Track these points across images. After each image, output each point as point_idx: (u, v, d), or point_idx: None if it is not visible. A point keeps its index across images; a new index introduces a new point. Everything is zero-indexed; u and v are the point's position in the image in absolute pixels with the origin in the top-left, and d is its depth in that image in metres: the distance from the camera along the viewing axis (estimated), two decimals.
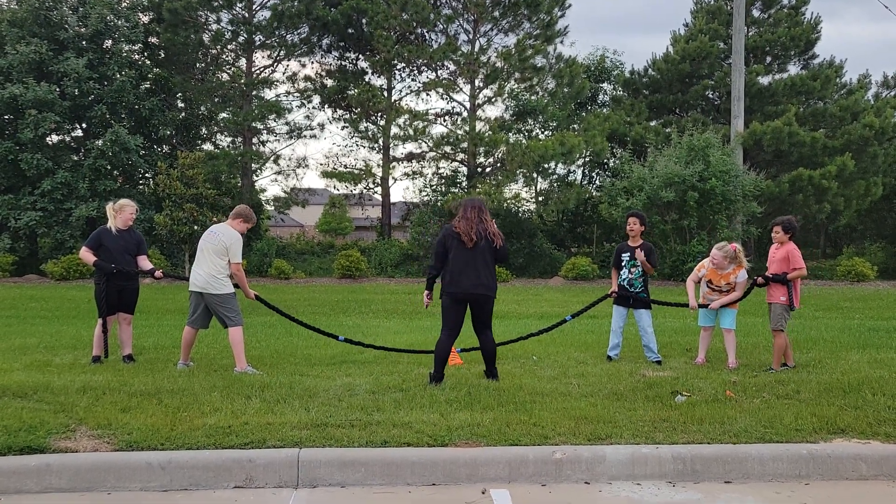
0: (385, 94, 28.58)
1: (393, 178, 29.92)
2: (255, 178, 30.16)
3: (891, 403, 5.75)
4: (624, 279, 7.88)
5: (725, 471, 4.69)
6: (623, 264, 7.90)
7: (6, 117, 24.47)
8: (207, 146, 29.94)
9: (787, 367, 7.27)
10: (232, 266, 7.04)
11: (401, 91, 29.69)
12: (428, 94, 29.03)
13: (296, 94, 29.76)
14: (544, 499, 4.38)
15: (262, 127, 29.43)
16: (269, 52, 28.73)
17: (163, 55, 27.98)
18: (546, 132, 28.53)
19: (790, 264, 7.10)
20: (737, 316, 7.67)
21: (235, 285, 7.26)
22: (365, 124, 28.49)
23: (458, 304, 6.43)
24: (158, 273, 7.67)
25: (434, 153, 28.12)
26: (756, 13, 28.72)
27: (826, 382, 6.46)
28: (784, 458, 4.72)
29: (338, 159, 31.37)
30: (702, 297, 7.65)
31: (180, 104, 29.04)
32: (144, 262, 7.69)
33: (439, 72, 27.83)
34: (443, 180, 29.02)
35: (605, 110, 30.35)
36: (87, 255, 7.44)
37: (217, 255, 7.00)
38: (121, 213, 7.60)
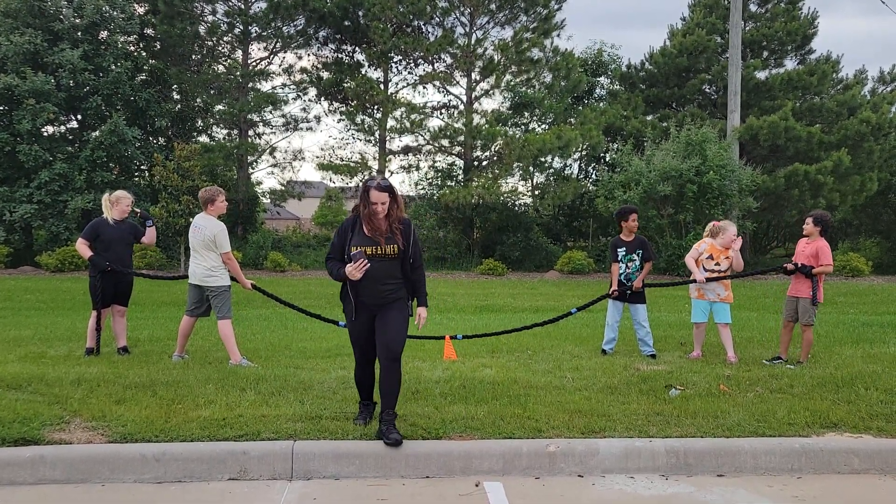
0: (381, 86, 28.47)
1: (389, 171, 29.84)
2: (251, 170, 30.09)
3: (883, 398, 5.78)
4: (622, 273, 7.89)
5: (718, 464, 4.71)
6: (619, 259, 7.91)
7: (1, 108, 24.33)
8: (203, 138, 29.82)
9: (781, 361, 7.30)
10: (222, 256, 7.03)
11: (397, 84, 29.61)
12: (425, 87, 28.95)
13: (292, 87, 29.64)
14: (538, 491, 4.40)
15: (258, 119, 29.33)
16: (265, 44, 28.63)
17: (158, 46, 27.86)
18: (543, 126, 28.50)
19: (818, 260, 7.17)
20: (730, 310, 7.68)
21: (232, 278, 7.23)
22: (361, 117, 28.39)
23: None
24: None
25: (430, 146, 28.07)
26: (753, 7, 28.70)
27: (819, 377, 6.49)
28: (777, 452, 4.75)
29: (334, 152, 31.31)
30: (698, 292, 7.63)
31: (176, 96, 28.90)
32: (151, 234, 7.84)
33: (436, 64, 27.74)
34: (439, 173, 28.98)
35: (602, 104, 30.31)
36: (83, 248, 7.40)
37: (206, 248, 6.98)
38: (117, 205, 7.59)
